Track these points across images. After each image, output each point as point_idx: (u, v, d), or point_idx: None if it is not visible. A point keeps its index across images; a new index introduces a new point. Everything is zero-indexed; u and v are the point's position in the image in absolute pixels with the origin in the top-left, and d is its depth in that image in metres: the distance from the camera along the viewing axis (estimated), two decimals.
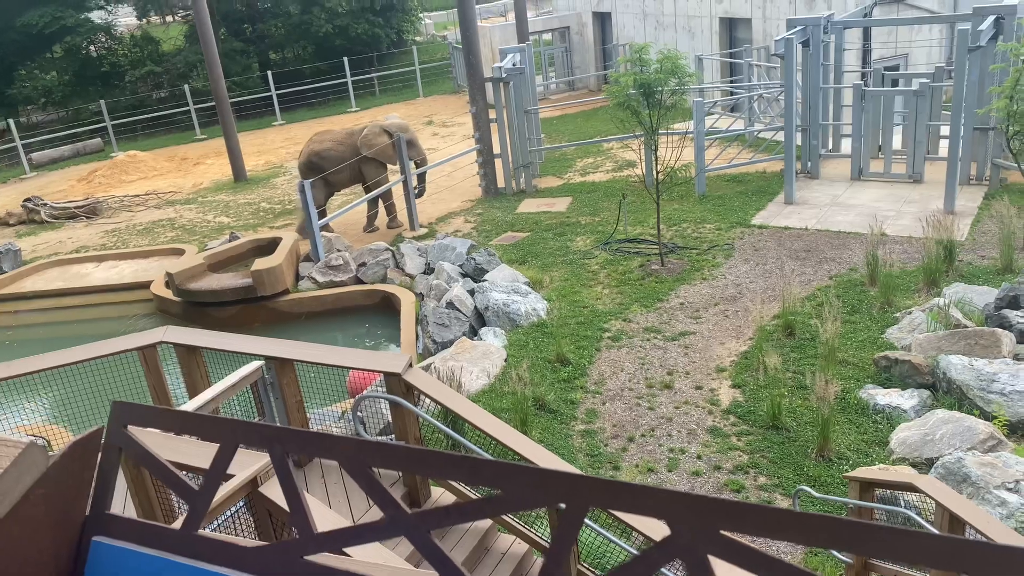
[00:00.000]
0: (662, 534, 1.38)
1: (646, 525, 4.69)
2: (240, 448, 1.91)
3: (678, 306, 11.49)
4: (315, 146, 16.13)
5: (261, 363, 5.73)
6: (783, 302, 10.60)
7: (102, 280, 15.78)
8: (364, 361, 7.07)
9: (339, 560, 1.78)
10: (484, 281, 12.40)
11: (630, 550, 5.66)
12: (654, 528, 4.60)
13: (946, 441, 7.46)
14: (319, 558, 1.72)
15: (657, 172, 12.57)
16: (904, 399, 8.43)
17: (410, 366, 5.62)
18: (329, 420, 8.47)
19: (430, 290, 12.38)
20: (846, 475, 6.85)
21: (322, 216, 15.62)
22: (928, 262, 11.16)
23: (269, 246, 14.86)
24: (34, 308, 15.48)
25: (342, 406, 8.84)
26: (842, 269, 12.05)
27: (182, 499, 1.98)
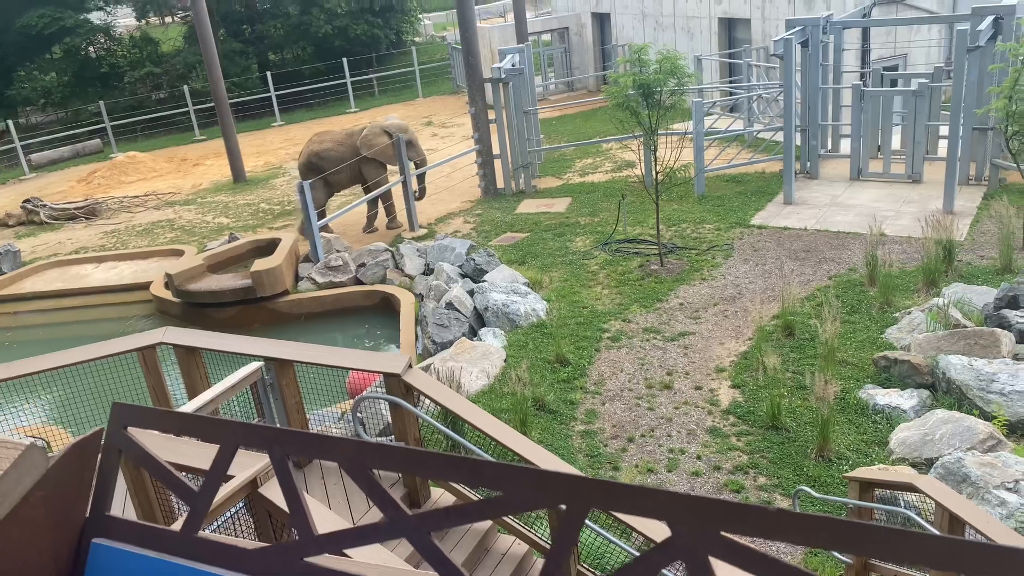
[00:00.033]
0: (662, 534, 1.38)
1: (646, 526, 4.69)
2: (240, 449, 1.91)
3: (677, 306, 11.49)
4: (315, 147, 16.13)
5: (260, 364, 5.73)
6: (782, 302, 10.61)
7: (101, 281, 15.77)
8: (364, 362, 7.07)
9: (339, 561, 1.78)
10: (483, 282, 12.41)
11: (630, 551, 5.66)
12: (654, 529, 4.60)
13: (946, 441, 7.46)
14: (319, 559, 1.72)
15: (656, 172, 12.58)
16: (904, 399, 8.43)
17: (409, 367, 5.62)
18: (329, 421, 8.47)
19: (429, 291, 12.38)
20: (846, 475, 6.86)
21: (322, 217, 15.62)
22: (927, 262, 11.17)
23: (268, 247, 14.86)
24: (33, 309, 15.48)
25: (342, 407, 8.83)
26: (841, 269, 12.06)
27: (182, 501, 1.97)
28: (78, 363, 6.05)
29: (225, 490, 4.20)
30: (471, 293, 12.01)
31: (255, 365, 5.70)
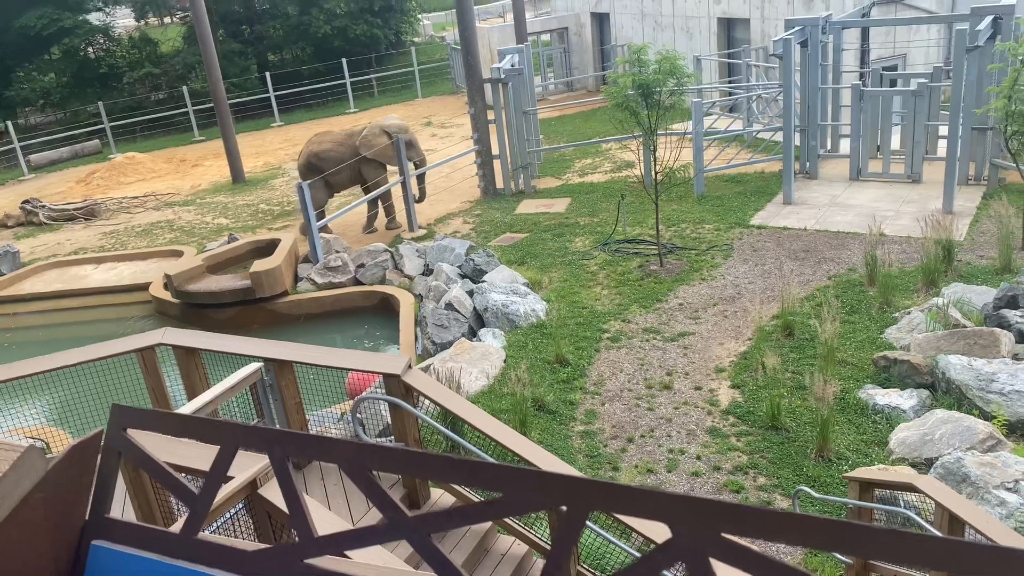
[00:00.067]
0: (662, 534, 1.38)
1: (645, 526, 4.69)
2: (239, 450, 1.90)
3: (677, 307, 11.49)
4: (314, 147, 16.13)
5: (260, 365, 5.72)
6: (782, 302, 10.61)
7: (101, 282, 15.77)
8: (363, 362, 7.07)
9: (339, 563, 1.78)
10: (483, 282, 12.40)
11: (630, 551, 5.66)
12: (654, 529, 4.60)
13: (945, 441, 7.46)
14: (319, 561, 1.72)
15: (656, 173, 12.58)
16: (903, 399, 8.43)
17: (409, 367, 5.61)
18: (328, 422, 8.47)
19: (429, 291, 12.37)
20: (845, 475, 6.85)
21: (322, 217, 15.62)
22: (927, 262, 11.17)
23: (268, 248, 14.85)
24: (33, 310, 15.47)
25: (341, 408, 8.83)
26: (841, 269, 12.06)
27: (182, 503, 1.97)
28: (77, 364, 6.04)
29: (224, 491, 4.20)
30: (470, 294, 12.01)
31: (254, 366, 5.70)
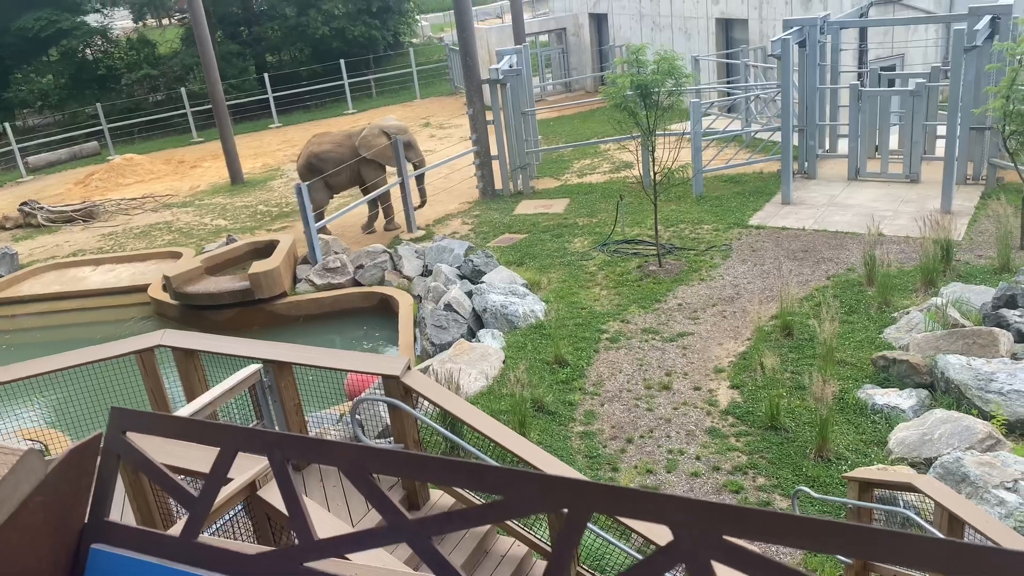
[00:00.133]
0: (661, 535, 1.37)
1: (645, 527, 4.68)
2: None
3: (676, 307, 11.49)
4: (314, 148, 16.12)
5: (259, 366, 5.71)
6: (781, 302, 10.61)
7: (99, 284, 15.75)
8: (362, 364, 7.06)
9: (339, 565, 1.77)
10: (482, 283, 12.40)
11: (630, 552, 5.65)
12: (653, 530, 4.59)
13: (944, 441, 7.46)
14: (320, 564, 1.71)
15: (654, 173, 12.58)
16: (902, 399, 8.43)
17: (408, 369, 5.61)
18: (327, 423, 8.46)
19: (428, 292, 12.37)
20: (845, 475, 6.85)
21: (322, 218, 15.62)
22: (925, 262, 11.17)
23: (266, 249, 14.84)
24: (31, 312, 15.46)
25: (340, 409, 8.83)
26: (840, 269, 12.06)
27: (181, 505, 1.97)
28: (76, 366, 6.04)
29: (224, 493, 4.19)
30: (469, 294, 12.00)
31: (253, 367, 5.69)
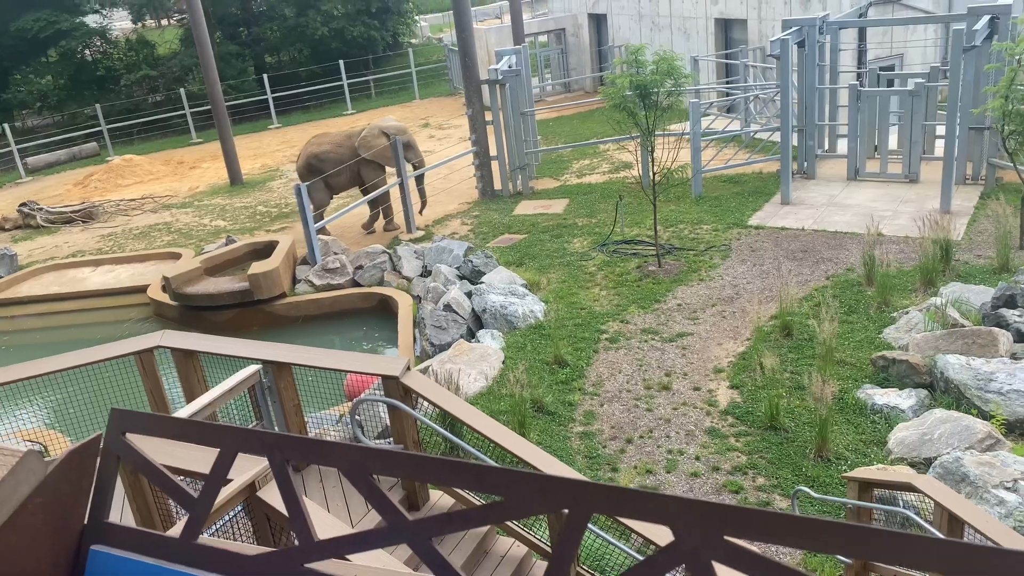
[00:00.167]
0: (660, 535, 1.37)
1: (645, 527, 4.68)
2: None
3: (675, 307, 11.49)
4: (313, 148, 16.12)
5: (258, 367, 5.71)
6: (780, 303, 10.61)
7: (98, 284, 15.75)
8: (362, 364, 7.05)
9: (339, 566, 1.77)
10: (481, 283, 12.39)
11: (630, 552, 5.65)
12: (653, 530, 4.59)
13: (944, 441, 7.46)
14: (321, 565, 1.71)
15: (653, 173, 12.58)
16: (902, 399, 8.43)
17: (408, 369, 5.60)
18: (327, 423, 8.45)
19: (427, 293, 12.36)
20: (845, 475, 6.85)
21: (323, 218, 15.62)
22: (925, 262, 11.18)
23: (266, 250, 14.84)
24: (30, 313, 15.45)
25: (340, 410, 8.82)
26: (839, 269, 12.06)
27: (181, 506, 1.96)
28: (75, 367, 6.03)
29: (223, 494, 4.19)
30: (469, 295, 12.00)
31: (253, 368, 5.69)
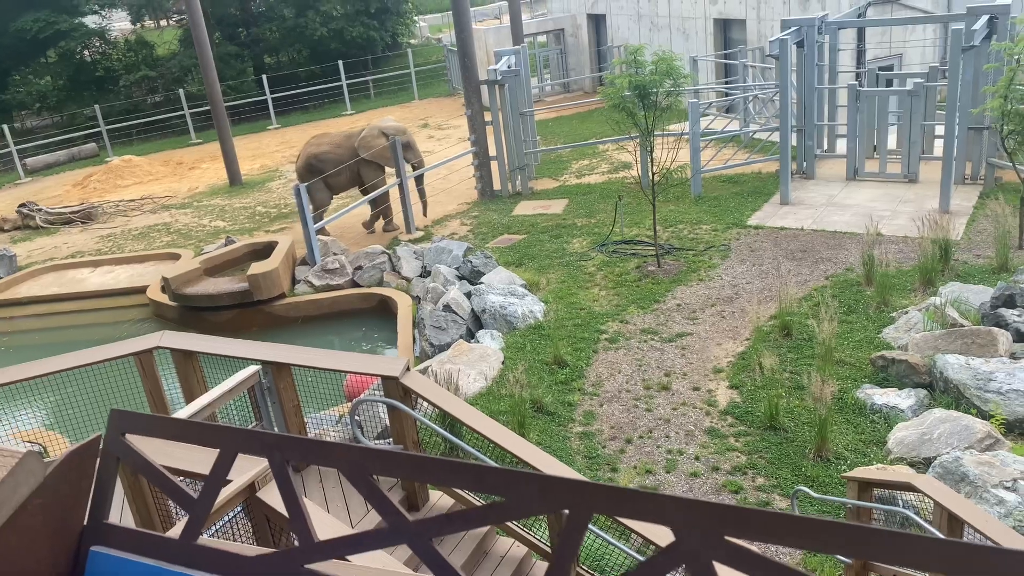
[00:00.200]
0: (660, 535, 1.37)
1: (644, 527, 4.68)
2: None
3: (675, 307, 11.49)
4: (313, 149, 16.11)
5: (258, 368, 5.71)
6: (780, 302, 10.61)
7: (98, 285, 15.74)
8: (361, 365, 7.05)
9: (339, 566, 1.77)
10: (481, 284, 12.39)
11: (630, 552, 5.65)
12: (652, 530, 4.59)
13: (943, 440, 7.46)
14: (321, 566, 1.71)
15: (653, 174, 12.58)
16: (901, 399, 8.43)
17: (407, 370, 5.60)
18: (326, 424, 8.45)
19: (427, 293, 12.36)
20: (844, 475, 6.85)
21: (323, 218, 15.63)
22: (924, 261, 11.18)
23: (265, 250, 14.83)
24: (30, 314, 15.44)
25: (339, 410, 8.82)
26: (838, 269, 12.07)
27: (181, 507, 1.96)
28: (75, 368, 6.03)
29: (223, 495, 4.18)
30: (468, 295, 12.00)
31: (252, 369, 5.69)
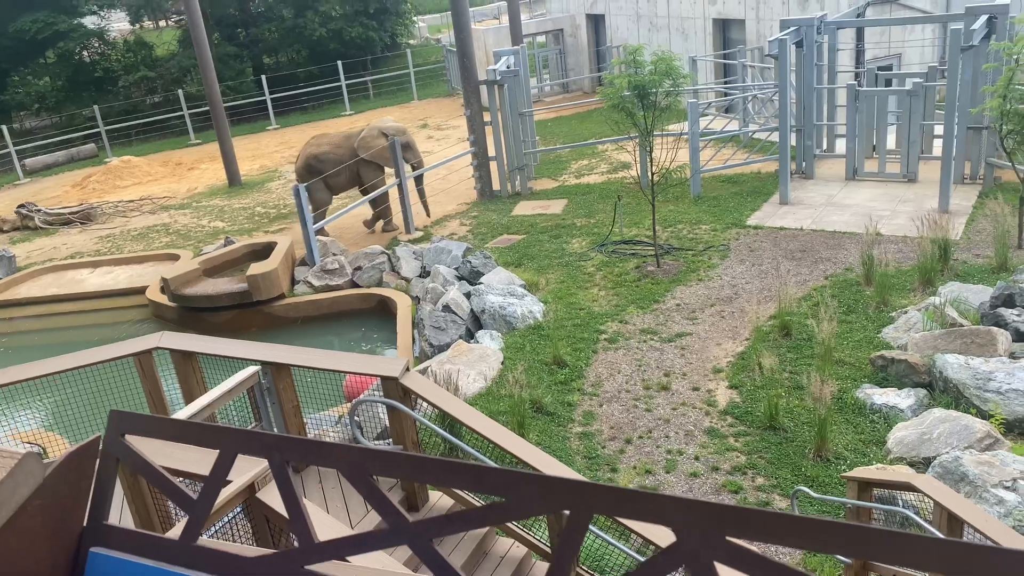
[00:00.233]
0: (660, 535, 1.37)
1: (644, 527, 4.67)
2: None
3: (674, 307, 11.49)
4: (313, 149, 16.11)
5: (257, 368, 5.70)
6: (779, 302, 10.61)
7: (97, 286, 15.73)
8: (361, 365, 7.04)
9: (339, 567, 1.77)
10: (480, 284, 12.39)
11: (630, 552, 5.65)
12: (651, 530, 4.59)
13: (943, 440, 7.46)
14: (321, 567, 1.71)
15: (652, 174, 12.58)
16: (901, 398, 8.43)
17: (407, 370, 5.60)
18: (326, 425, 8.45)
19: (426, 293, 12.36)
20: (844, 475, 6.85)
21: (324, 218, 15.62)
22: (923, 261, 11.18)
23: (264, 251, 14.82)
24: (29, 315, 15.43)
25: (339, 411, 8.82)
26: (838, 269, 12.07)
27: (181, 508, 1.96)
28: (74, 368, 6.02)
29: (223, 495, 4.18)
30: (468, 296, 12.00)
31: (252, 369, 5.68)
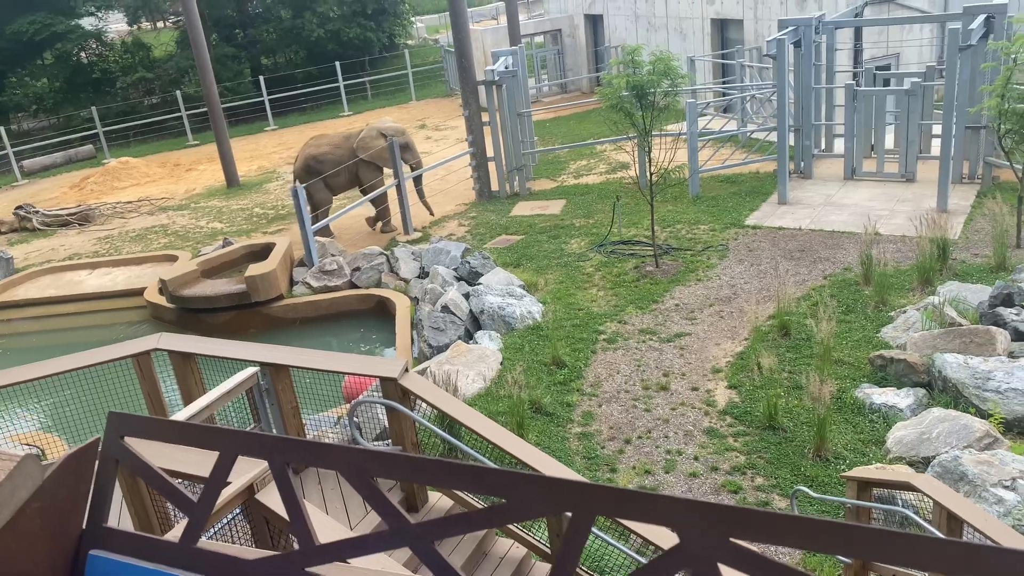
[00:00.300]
0: (660, 536, 1.36)
1: (644, 528, 4.67)
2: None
3: (673, 307, 11.49)
4: (311, 150, 16.10)
5: (256, 369, 5.69)
6: (778, 302, 10.61)
7: (95, 287, 15.71)
8: (359, 366, 7.03)
9: (339, 568, 1.76)
10: (479, 284, 12.38)
11: (630, 553, 5.64)
12: (652, 531, 4.58)
13: (942, 440, 7.46)
14: (321, 569, 1.70)
15: (651, 174, 12.58)
16: (900, 398, 8.43)
17: (406, 371, 5.59)
18: (325, 426, 8.44)
19: (425, 294, 12.35)
20: (843, 475, 6.85)
21: (325, 217, 15.62)
22: (922, 261, 11.19)
23: (263, 252, 14.81)
24: (27, 316, 15.41)
25: (338, 411, 8.81)
26: (836, 269, 12.07)
27: (180, 510, 1.95)
28: (73, 370, 6.01)
29: (222, 497, 4.17)
30: (466, 296, 11.99)
31: (251, 370, 5.67)
